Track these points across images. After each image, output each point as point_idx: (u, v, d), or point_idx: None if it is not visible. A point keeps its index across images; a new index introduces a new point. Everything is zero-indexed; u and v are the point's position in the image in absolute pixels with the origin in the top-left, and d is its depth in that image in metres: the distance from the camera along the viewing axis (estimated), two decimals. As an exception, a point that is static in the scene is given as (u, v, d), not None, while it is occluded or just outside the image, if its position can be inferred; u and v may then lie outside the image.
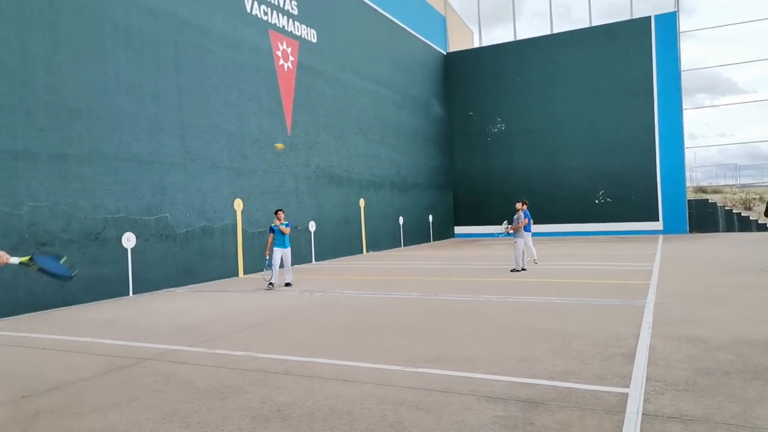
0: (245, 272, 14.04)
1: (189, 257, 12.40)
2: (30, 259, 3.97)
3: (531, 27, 26.41)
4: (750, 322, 6.63)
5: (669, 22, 24.02)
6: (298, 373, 5.15)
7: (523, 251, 12.82)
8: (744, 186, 30.02)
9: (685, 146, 23.98)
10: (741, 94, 40.60)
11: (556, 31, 26.55)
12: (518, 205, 13.60)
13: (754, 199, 26.98)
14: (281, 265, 11.55)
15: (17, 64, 9.32)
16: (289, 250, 11.59)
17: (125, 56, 11.19)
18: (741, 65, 24.82)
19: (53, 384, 5.10)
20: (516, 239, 12.83)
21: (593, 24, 25.82)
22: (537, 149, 26.20)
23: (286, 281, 11.49)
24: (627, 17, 25.23)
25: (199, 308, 9.23)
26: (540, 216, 26.03)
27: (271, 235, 11.50)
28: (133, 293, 11.05)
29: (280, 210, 11.69)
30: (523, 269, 12.59)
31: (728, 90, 37.77)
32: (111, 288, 10.63)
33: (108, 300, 10.47)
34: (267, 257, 11.66)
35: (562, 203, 25.63)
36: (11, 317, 8.89)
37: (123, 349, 6.39)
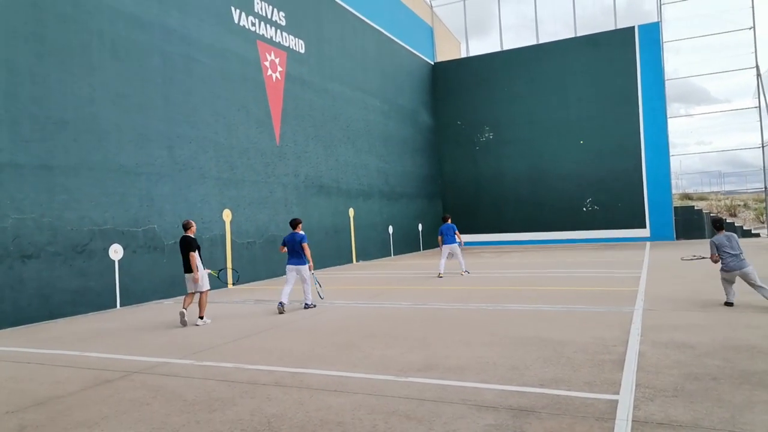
0: (234, 283, 13.94)
1: (177, 268, 12.26)
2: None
3: (504, 41, 26.81)
4: (737, 327, 6.70)
5: (652, 32, 24.41)
6: (287, 384, 5.11)
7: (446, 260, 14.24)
8: (729, 193, 30.43)
9: (670, 154, 24.30)
10: (714, 104, 41.38)
11: (530, 44, 26.84)
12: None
13: (739, 205, 27.37)
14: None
15: (3, 75, 9.24)
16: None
17: (112, 67, 11.14)
18: (713, 75, 25.24)
19: (39, 399, 5.01)
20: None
21: (571, 35, 26.16)
22: (525, 158, 26.40)
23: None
24: (599, 30, 25.65)
25: (188, 320, 9.14)
26: (528, 224, 26.20)
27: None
28: (121, 305, 10.93)
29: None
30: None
31: (702, 99, 38.55)
32: (98, 300, 10.50)
33: (95, 313, 10.34)
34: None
35: (550, 211, 25.81)
36: (-5, 331, 8.75)
37: (110, 362, 6.31)
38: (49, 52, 9.99)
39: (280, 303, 9.23)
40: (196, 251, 8.61)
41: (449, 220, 14.61)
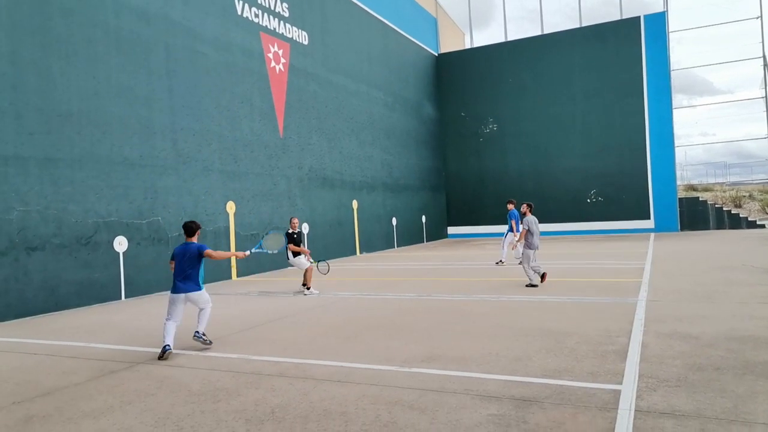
0: (238, 275, 13.99)
1: (181, 261, 12.33)
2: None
3: (503, 33, 26.81)
4: (740, 318, 6.69)
5: (658, 22, 24.21)
6: (292, 374, 5.14)
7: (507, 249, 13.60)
8: (734, 184, 30.27)
9: (675, 145, 24.17)
10: (717, 95, 41.04)
11: (534, 34, 26.67)
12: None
13: (744, 196, 27.23)
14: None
15: (7, 68, 9.26)
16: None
17: (116, 60, 11.13)
18: (716, 66, 25.06)
19: (45, 389, 5.06)
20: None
21: (572, 27, 25.97)
22: (529, 149, 26.31)
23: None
24: (600, 21, 25.46)
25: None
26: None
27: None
28: (125, 297, 10.99)
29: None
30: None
31: (705, 91, 38.31)
32: (103, 292, 10.57)
33: (100, 304, 10.41)
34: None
35: (555, 203, 25.73)
36: (2, 322, 8.82)
37: (116, 353, 6.36)
38: (53, 44, 9.98)
39: (167, 346, 6.07)
40: (290, 243, 10.51)
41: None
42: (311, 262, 10.82)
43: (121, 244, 10.97)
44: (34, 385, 5.20)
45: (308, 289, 10.56)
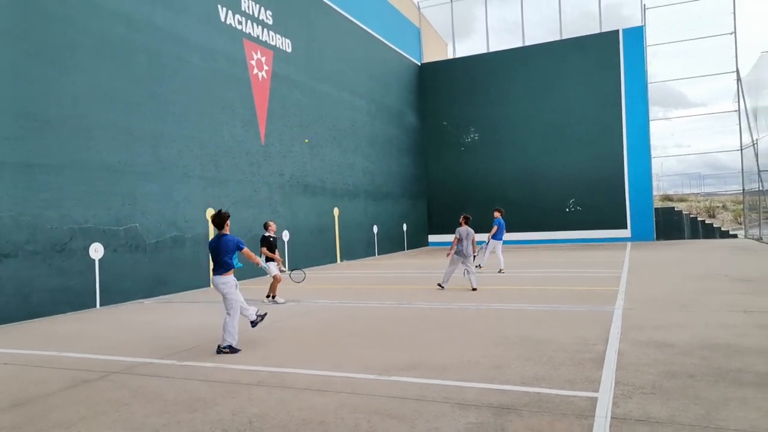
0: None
1: (159, 268, 12.17)
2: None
3: (484, 44, 27.14)
4: (713, 326, 6.82)
5: (636, 36, 24.73)
6: (270, 384, 5.10)
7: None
8: (708, 194, 30.94)
9: (652, 156, 24.63)
10: (691, 107, 41.98)
11: (511, 47, 27.05)
12: (461, 221, 11.89)
13: (718, 207, 27.85)
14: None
15: (-19, 70, 9.08)
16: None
17: (98, 65, 10.99)
18: (690, 79, 25.57)
19: (16, 400, 4.94)
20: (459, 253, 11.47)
21: (552, 39, 26.40)
22: (509, 159, 26.57)
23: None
24: (579, 34, 25.94)
25: (169, 320, 9.07)
26: (513, 225, 26.33)
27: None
28: (101, 305, 10.79)
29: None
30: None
31: (679, 103, 39.25)
32: (77, 300, 10.36)
33: (74, 312, 10.20)
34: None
35: (534, 212, 26.00)
36: (-28, 331, 8.59)
37: (89, 363, 6.23)
38: (33, 49, 9.82)
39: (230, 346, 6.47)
40: (266, 246, 10.53)
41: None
42: (282, 272, 10.70)
43: (96, 251, 10.78)
44: (5, 396, 5.07)
45: (273, 298, 10.44)
